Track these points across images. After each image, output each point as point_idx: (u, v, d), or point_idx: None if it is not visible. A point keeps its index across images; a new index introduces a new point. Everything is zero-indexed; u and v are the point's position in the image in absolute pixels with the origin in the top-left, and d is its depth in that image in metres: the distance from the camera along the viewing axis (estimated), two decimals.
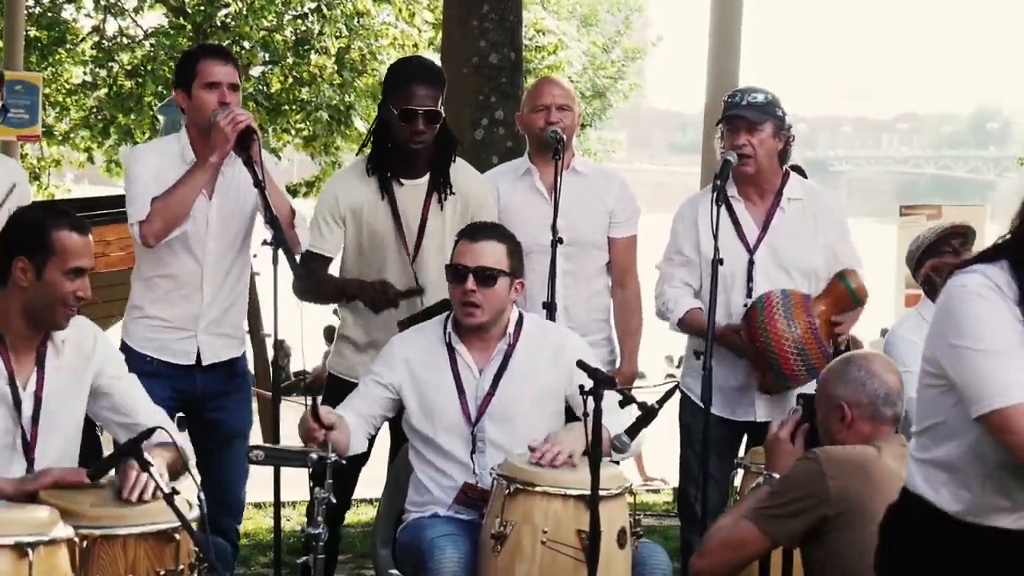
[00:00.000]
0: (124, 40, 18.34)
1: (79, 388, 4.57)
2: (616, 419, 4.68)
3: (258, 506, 9.61)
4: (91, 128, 18.23)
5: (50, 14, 17.87)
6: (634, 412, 4.69)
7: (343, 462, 4.64)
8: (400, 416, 5.27)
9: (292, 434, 5.02)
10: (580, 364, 4.54)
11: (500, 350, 5.19)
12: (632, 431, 4.67)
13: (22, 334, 4.45)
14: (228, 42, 17.03)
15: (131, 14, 18.12)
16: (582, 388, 4.37)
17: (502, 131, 8.67)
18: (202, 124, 5.54)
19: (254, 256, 5.79)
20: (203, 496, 4.18)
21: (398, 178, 5.80)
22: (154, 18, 18.32)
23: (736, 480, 5.66)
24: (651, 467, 14.09)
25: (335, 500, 4.51)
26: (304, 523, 4.66)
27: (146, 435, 4.17)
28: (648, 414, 4.62)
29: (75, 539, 3.94)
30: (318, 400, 4.86)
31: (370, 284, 5.69)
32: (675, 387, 4.85)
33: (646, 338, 6.43)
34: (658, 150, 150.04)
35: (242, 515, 6.05)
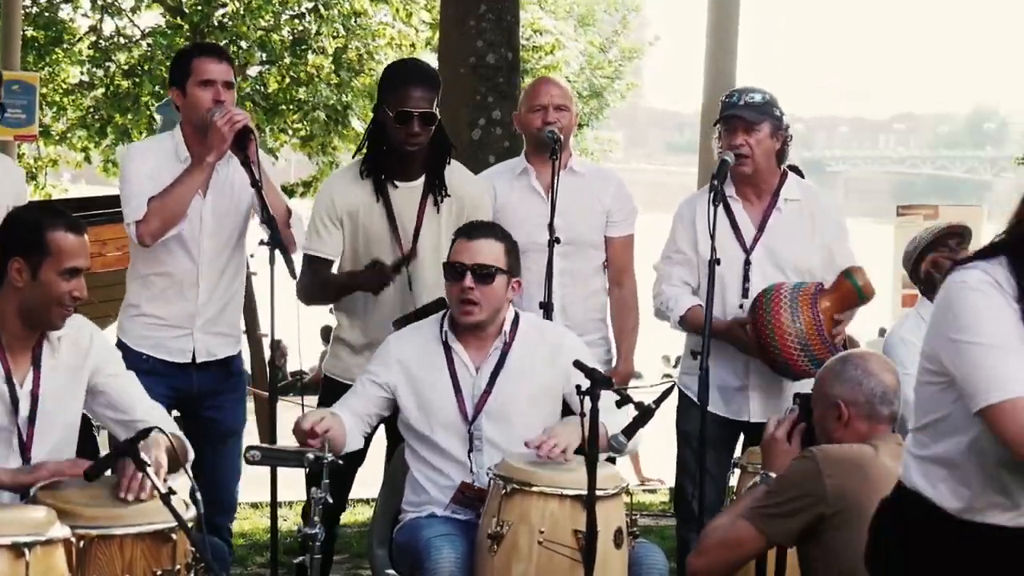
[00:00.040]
0: (121, 40, 18.36)
1: (76, 387, 4.57)
2: (613, 419, 4.69)
3: (255, 506, 9.61)
4: (88, 128, 18.25)
5: (47, 14, 17.88)
6: (631, 412, 4.69)
7: (340, 462, 4.64)
8: (396, 416, 5.28)
9: (288, 434, 5.02)
10: (577, 364, 4.54)
11: (497, 348, 5.19)
12: (629, 431, 4.67)
13: (18, 334, 4.44)
14: (225, 42, 17.04)
15: (128, 14, 18.14)
16: (579, 388, 4.37)
17: (499, 131, 8.67)
18: (196, 122, 5.54)
19: (251, 256, 5.79)
20: (200, 496, 4.18)
21: (393, 180, 5.79)
22: (151, 18, 18.35)
23: (733, 480, 5.67)
24: (648, 468, 14.08)
25: (331, 500, 4.51)
26: (300, 523, 4.67)
27: (143, 435, 4.16)
28: (645, 414, 4.62)
29: (72, 539, 3.94)
30: (306, 412, 4.85)
31: (362, 271, 5.68)
32: (672, 387, 4.84)
33: (643, 338, 6.43)
34: (655, 150, 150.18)
35: (234, 513, 6.05)
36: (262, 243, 5.29)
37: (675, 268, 6.08)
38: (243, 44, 17.43)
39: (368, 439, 5.38)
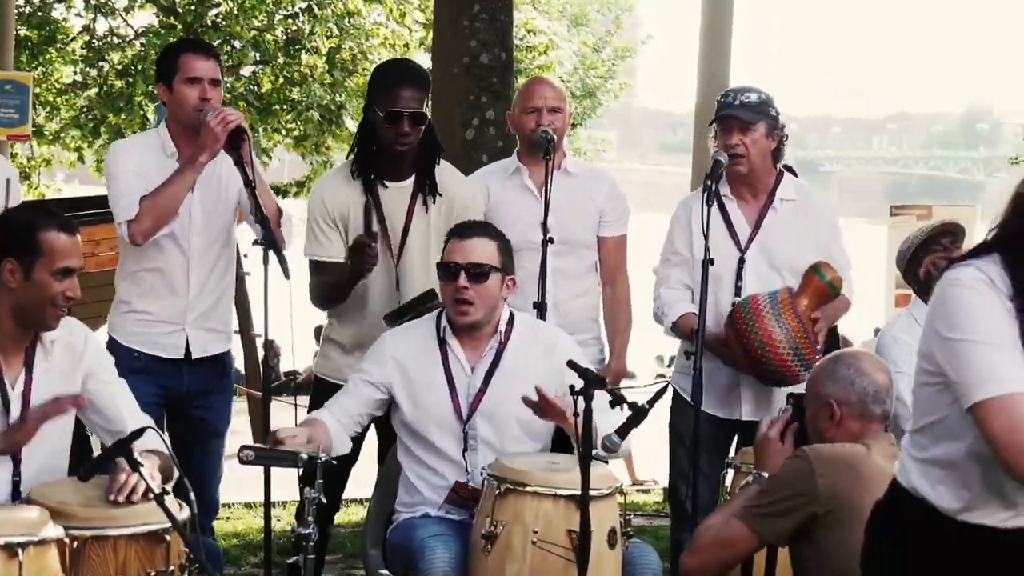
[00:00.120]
0: (114, 40, 18.35)
1: (68, 388, 4.54)
2: (607, 419, 4.68)
3: (248, 506, 9.61)
4: (81, 128, 18.23)
5: (40, 13, 17.86)
6: (625, 412, 4.69)
7: (333, 462, 4.63)
8: (388, 415, 5.27)
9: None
10: (570, 364, 4.54)
11: (492, 348, 5.20)
12: (623, 431, 4.66)
13: (11, 334, 4.44)
14: (219, 42, 17.05)
15: (121, 14, 18.14)
16: (572, 388, 4.37)
17: (493, 131, 8.67)
18: (183, 118, 5.55)
19: (244, 256, 5.78)
20: (193, 496, 4.17)
21: (383, 180, 5.79)
22: (144, 18, 18.35)
23: (727, 480, 5.67)
24: (641, 469, 14.05)
25: (325, 500, 4.51)
26: (294, 523, 4.66)
27: (136, 435, 4.16)
28: (639, 414, 4.61)
29: (65, 539, 3.93)
30: (278, 429, 4.83)
31: (347, 261, 5.65)
32: (666, 387, 4.84)
33: (637, 337, 6.43)
34: (648, 150, 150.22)
35: (216, 513, 6.06)
36: (255, 243, 5.28)
37: (673, 270, 6.09)
38: (236, 44, 17.44)
39: (359, 439, 5.37)
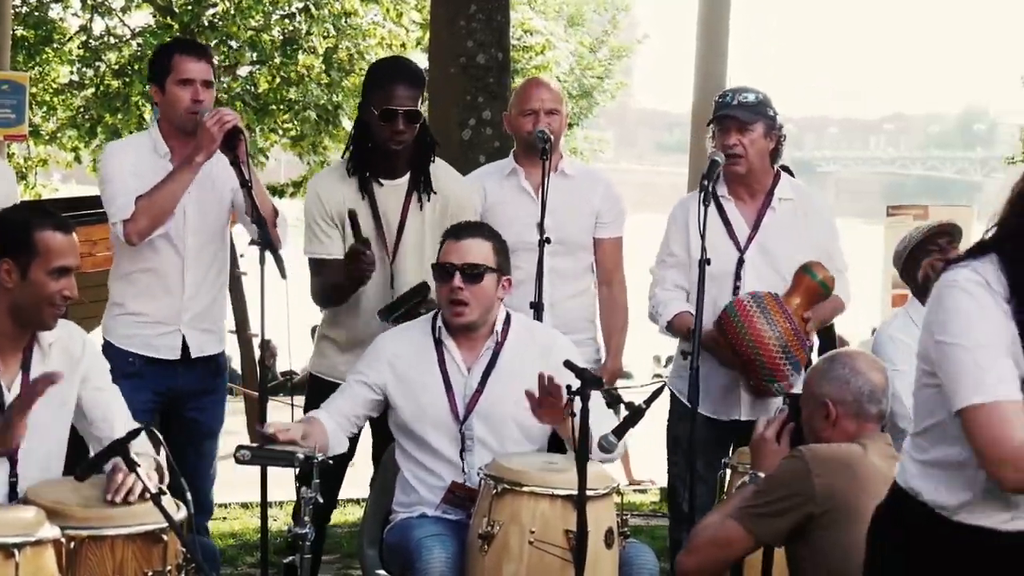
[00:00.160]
0: (111, 39, 18.31)
1: (65, 394, 4.52)
2: (601, 419, 4.68)
3: (245, 506, 9.62)
4: (78, 128, 18.20)
5: (37, 13, 17.82)
6: (622, 412, 4.69)
7: (330, 462, 4.63)
8: (384, 415, 5.27)
9: None
10: (567, 364, 4.53)
11: (488, 348, 5.19)
12: (619, 431, 4.66)
13: (9, 335, 4.43)
14: (215, 42, 17.02)
15: (118, 13, 18.09)
16: (570, 388, 4.37)
17: (489, 131, 8.67)
18: (175, 119, 5.56)
19: (241, 256, 5.79)
20: (190, 497, 4.16)
21: (378, 178, 5.79)
22: (141, 17, 18.30)
23: (725, 480, 5.66)
24: (638, 470, 14.06)
25: (321, 500, 4.51)
26: (291, 523, 4.66)
27: (133, 435, 4.15)
28: (635, 414, 4.62)
29: (62, 540, 3.93)
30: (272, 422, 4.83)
31: (344, 266, 5.62)
32: (662, 387, 4.84)
33: (634, 338, 6.44)
34: (645, 149, 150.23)
35: (211, 514, 6.05)
36: (252, 242, 5.29)
37: (668, 271, 6.09)
38: (233, 44, 17.40)
39: (355, 438, 5.37)
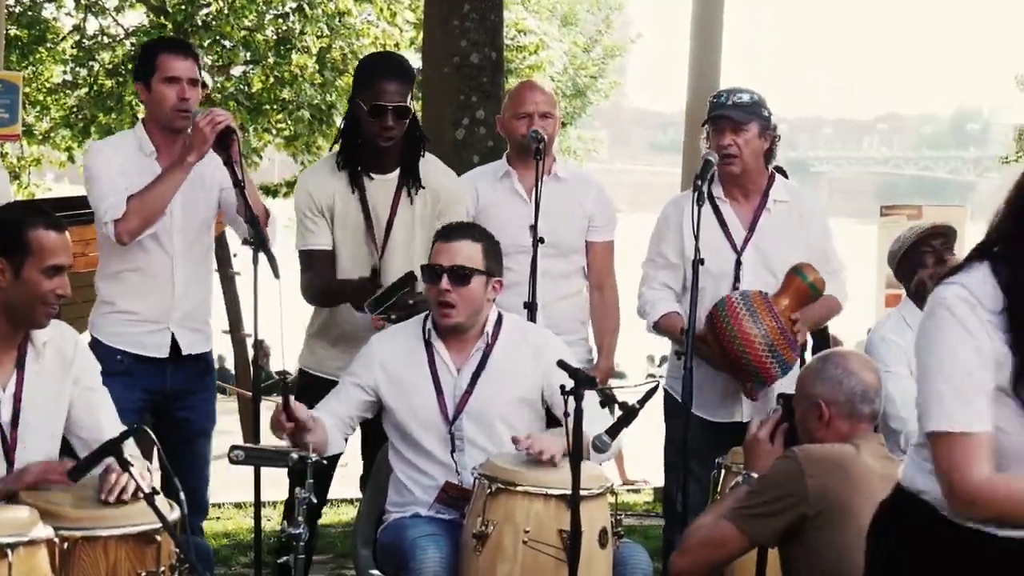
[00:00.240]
0: (105, 39, 18.29)
1: (59, 393, 4.54)
2: (594, 419, 4.68)
3: (238, 506, 9.63)
4: (72, 127, 18.17)
5: (31, 13, 17.80)
6: (616, 412, 4.69)
7: (324, 462, 4.63)
8: (376, 415, 5.27)
9: (272, 433, 5.01)
10: (561, 364, 4.53)
11: (478, 349, 5.19)
12: (613, 431, 4.66)
13: (2, 334, 4.42)
14: (209, 41, 17.01)
15: (112, 13, 18.08)
16: (563, 388, 4.37)
17: (483, 131, 8.67)
18: (161, 118, 5.57)
19: (234, 256, 5.78)
20: (184, 496, 4.16)
21: (368, 173, 5.79)
22: (135, 17, 18.28)
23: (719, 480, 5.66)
24: (632, 470, 14.09)
25: (315, 500, 4.51)
26: (285, 523, 4.65)
27: (126, 435, 4.15)
28: (629, 414, 4.61)
29: (55, 540, 3.92)
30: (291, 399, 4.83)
31: (352, 285, 5.65)
32: (656, 387, 4.83)
33: (628, 337, 6.44)
34: (638, 149, 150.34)
35: (207, 513, 6.05)
36: (245, 242, 5.28)
37: (658, 272, 6.09)
38: (227, 44, 17.39)
39: (347, 440, 5.36)
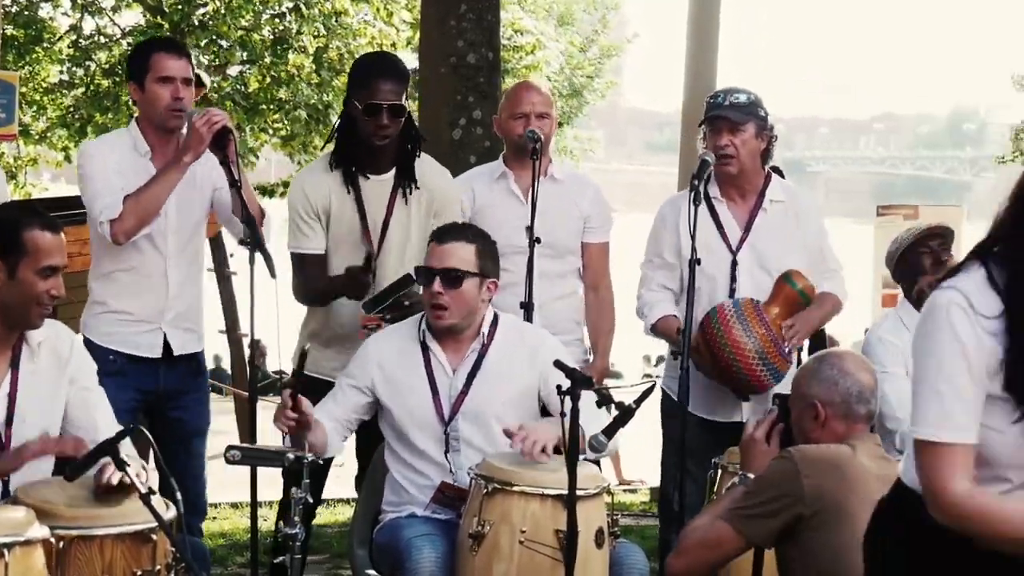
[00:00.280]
0: (101, 39, 18.28)
1: (54, 393, 4.54)
2: (590, 419, 4.68)
3: (235, 506, 9.62)
4: (68, 127, 18.16)
5: (27, 12, 17.78)
6: (612, 412, 4.69)
7: (320, 462, 4.63)
8: (372, 417, 5.27)
9: (269, 434, 5.01)
10: (557, 364, 4.53)
11: (474, 350, 5.19)
12: (609, 431, 4.66)
13: None
14: (206, 41, 17.00)
15: (108, 13, 18.06)
16: (559, 388, 4.37)
17: (480, 131, 8.68)
18: (155, 118, 5.56)
19: (231, 255, 5.78)
20: (180, 496, 4.15)
21: (363, 173, 5.79)
22: (132, 17, 18.27)
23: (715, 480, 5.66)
24: (629, 470, 14.09)
25: (312, 500, 4.51)
26: (281, 523, 4.65)
27: (123, 435, 4.15)
28: (625, 414, 4.61)
29: (51, 539, 3.92)
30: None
31: (340, 278, 5.66)
32: (652, 387, 4.83)
33: (624, 337, 6.44)
34: (635, 149, 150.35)
35: (205, 514, 6.04)
36: (241, 242, 5.28)
37: (656, 273, 6.10)
38: (223, 43, 17.38)
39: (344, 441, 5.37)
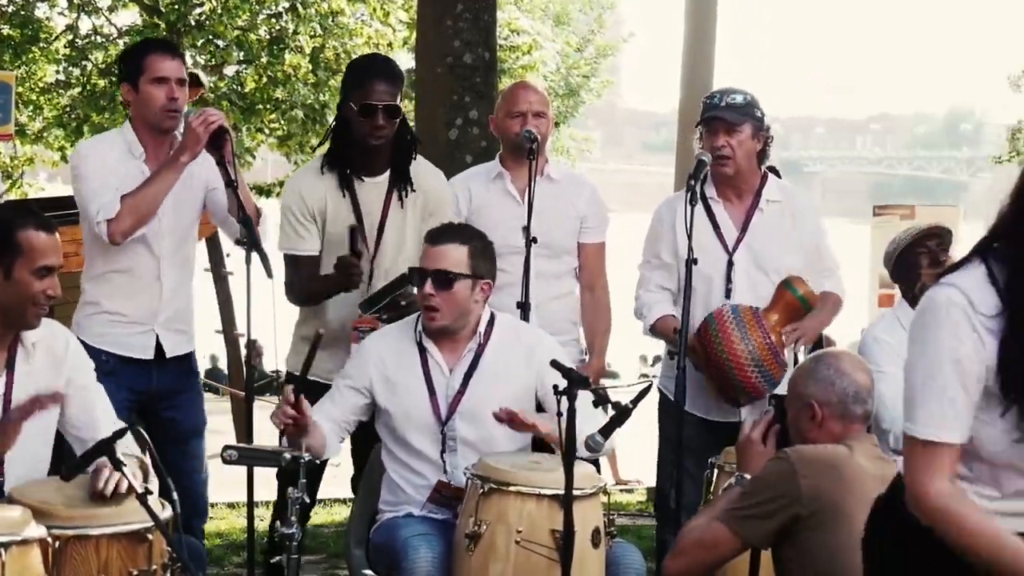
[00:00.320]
0: (98, 39, 18.24)
1: (50, 390, 4.53)
2: (590, 419, 4.68)
3: (231, 506, 9.62)
4: (65, 127, 18.13)
5: (23, 12, 17.76)
6: (609, 412, 4.69)
7: (317, 462, 4.63)
8: (369, 418, 5.27)
9: (265, 434, 5.01)
10: (554, 364, 4.53)
11: (470, 350, 5.20)
12: (606, 431, 4.66)
13: None
14: (202, 41, 16.99)
15: (105, 13, 18.03)
16: (556, 388, 4.37)
17: (476, 131, 8.66)
18: (150, 119, 5.54)
19: (227, 255, 5.78)
20: (176, 496, 4.15)
21: (358, 175, 5.79)
22: (128, 16, 18.24)
23: (711, 478, 5.66)
24: (625, 469, 14.08)
25: (308, 500, 4.51)
26: (278, 523, 4.65)
27: (119, 434, 4.15)
28: (622, 413, 4.62)
29: (48, 539, 3.92)
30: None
31: (331, 275, 5.66)
32: (649, 387, 4.83)
33: (621, 337, 6.44)
34: (632, 149, 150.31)
35: (207, 515, 6.03)
36: (238, 242, 5.28)
37: (654, 273, 6.10)
38: (220, 43, 17.36)
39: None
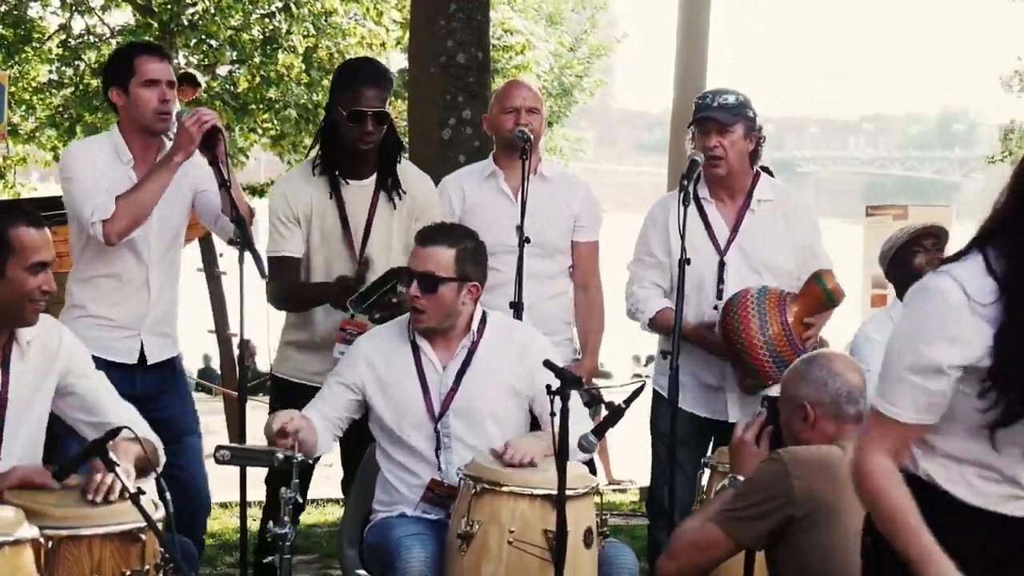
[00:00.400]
0: (91, 38, 18.23)
1: (43, 389, 4.53)
2: (582, 419, 4.69)
3: (224, 506, 9.61)
4: (57, 127, 18.12)
5: (16, 12, 17.74)
6: (601, 411, 4.69)
7: (309, 462, 4.63)
8: (362, 417, 5.27)
9: (258, 434, 5.01)
10: (547, 363, 4.54)
11: (464, 347, 5.20)
12: (599, 431, 4.66)
13: None
14: (195, 41, 16.99)
15: (98, 12, 18.03)
16: (549, 387, 4.37)
17: (469, 131, 8.66)
18: (141, 122, 5.52)
19: (220, 255, 5.78)
20: (169, 496, 4.15)
21: (345, 178, 5.80)
22: (121, 16, 18.23)
23: (704, 479, 5.67)
24: (618, 469, 14.08)
25: (301, 500, 4.51)
26: (270, 523, 4.65)
27: (112, 434, 4.14)
28: (615, 413, 4.61)
29: (40, 539, 3.91)
30: (276, 413, 4.84)
31: (329, 286, 5.66)
32: (642, 387, 4.83)
33: (614, 337, 6.44)
34: (625, 149, 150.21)
35: (209, 510, 6.02)
36: (231, 242, 5.27)
37: (647, 271, 6.10)
38: (213, 43, 17.35)
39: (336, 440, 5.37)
